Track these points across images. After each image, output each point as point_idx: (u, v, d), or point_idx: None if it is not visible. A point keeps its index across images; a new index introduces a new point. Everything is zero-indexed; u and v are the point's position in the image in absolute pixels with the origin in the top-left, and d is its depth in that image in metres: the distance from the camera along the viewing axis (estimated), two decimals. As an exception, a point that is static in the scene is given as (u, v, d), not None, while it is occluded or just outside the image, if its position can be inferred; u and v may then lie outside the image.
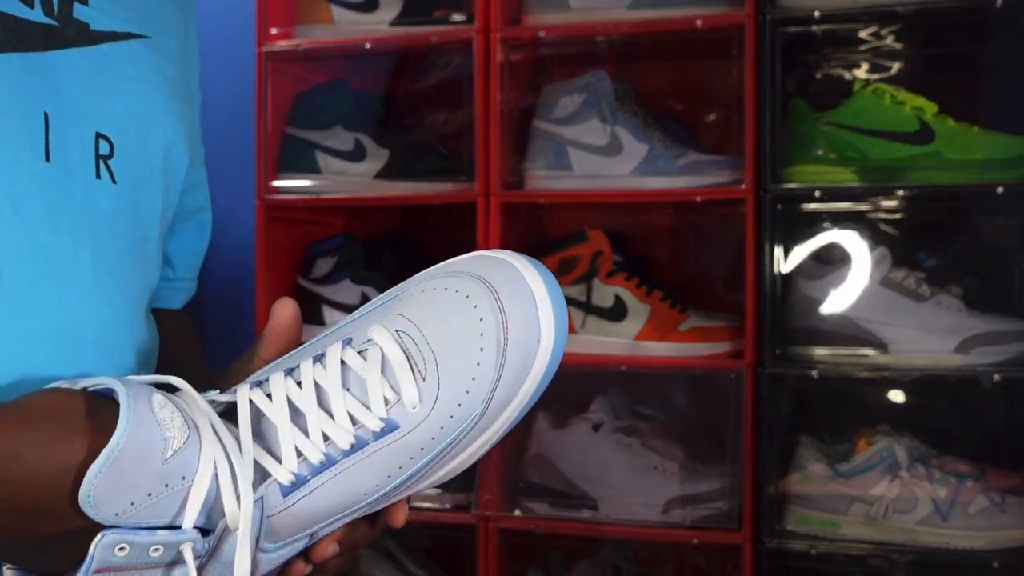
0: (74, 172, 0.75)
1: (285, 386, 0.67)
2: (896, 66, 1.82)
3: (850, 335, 1.67)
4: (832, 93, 1.76)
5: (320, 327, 1.93)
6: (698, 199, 1.75)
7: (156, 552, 0.63)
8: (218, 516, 0.64)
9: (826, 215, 1.74)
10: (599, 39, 1.82)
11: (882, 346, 1.66)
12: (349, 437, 0.66)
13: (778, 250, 1.68)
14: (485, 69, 1.78)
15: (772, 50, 1.65)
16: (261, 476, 0.66)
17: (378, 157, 1.91)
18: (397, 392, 0.66)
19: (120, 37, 0.81)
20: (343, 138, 1.92)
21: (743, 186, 1.68)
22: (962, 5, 1.64)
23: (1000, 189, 1.59)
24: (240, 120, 2.04)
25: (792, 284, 1.72)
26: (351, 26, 1.89)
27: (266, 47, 1.90)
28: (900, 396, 1.75)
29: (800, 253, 1.73)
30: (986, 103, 1.82)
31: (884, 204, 1.75)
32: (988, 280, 1.78)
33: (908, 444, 1.67)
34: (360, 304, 1.89)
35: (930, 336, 1.64)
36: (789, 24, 1.68)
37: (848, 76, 1.83)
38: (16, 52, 0.73)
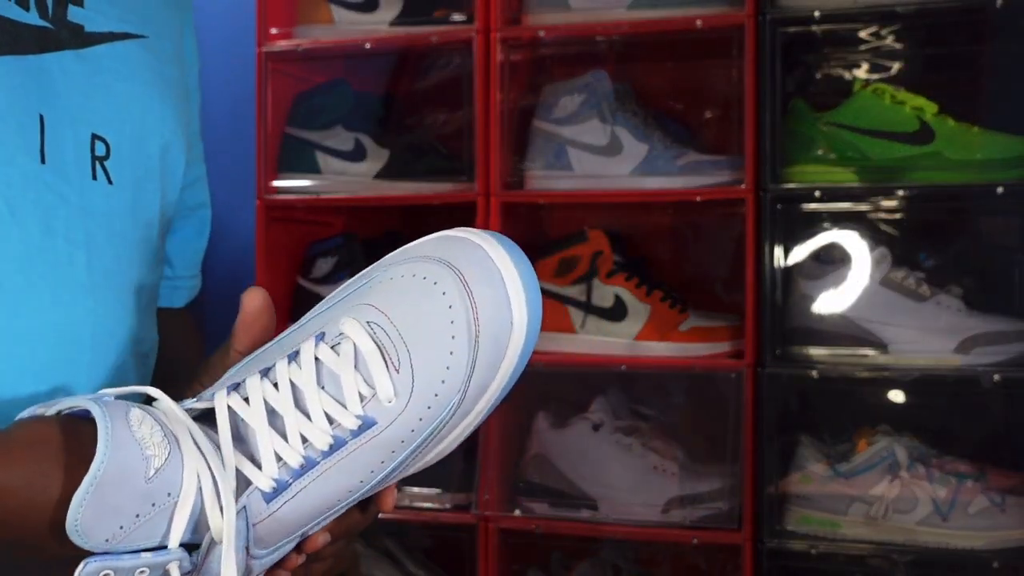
0: (69, 174, 0.75)
1: (262, 388, 0.66)
2: (896, 66, 1.82)
3: (850, 335, 1.67)
4: (832, 93, 1.76)
5: (320, 327, 1.93)
6: (698, 199, 1.75)
7: (143, 574, 0.62)
8: (204, 529, 0.64)
9: (826, 215, 1.74)
10: (599, 39, 1.82)
11: (882, 346, 1.66)
12: (327, 438, 0.65)
13: (778, 250, 1.68)
14: (485, 69, 1.78)
15: (772, 50, 1.65)
16: (244, 484, 0.65)
17: (378, 157, 1.91)
18: (372, 387, 0.65)
19: (116, 37, 0.81)
20: (343, 138, 1.92)
21: (743, 186, 1.68)
22: (962, 5, 1.64)
23: (1000, 189, 1.59)
24: (240, 120, 2.03)
25: (792, 284, 1.72)
26: (351, 26, 1.89)
27: (266, 47, 1.90)
28: (900, 396, 1.75)
29: (800, 253, 1.73)
30: (986, 103, 1.82)
31: (884, 204, 1.75)
32: (988, 280, 1.78)
33: (908, 444, 1.67)
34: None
35: (930, 336, 1.64)
36: (789, 24, 1.68)
37: (848, 76, 1.83)
38: (11, 55, 0.73)
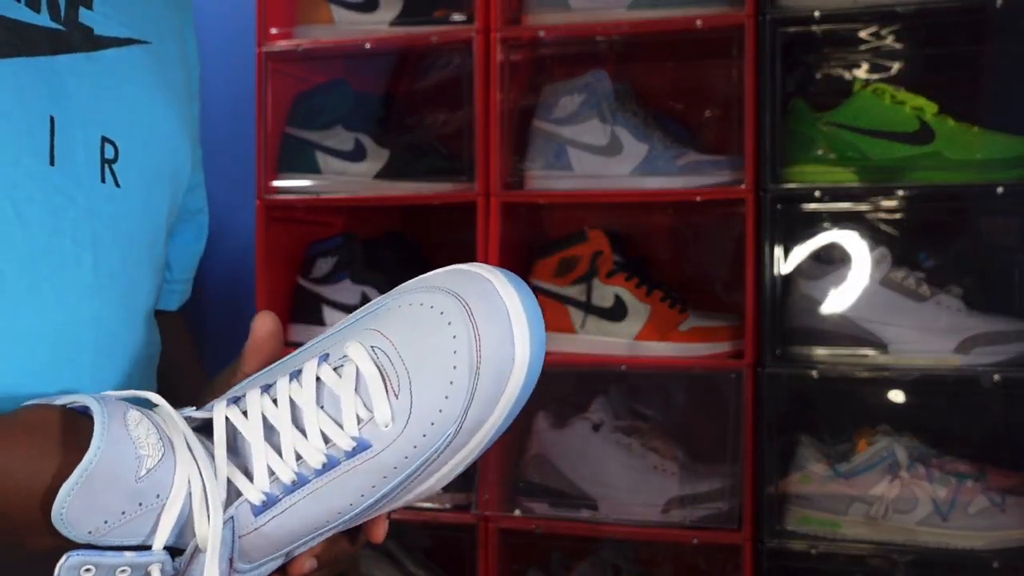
0: (78, 176, 0.75)
1: (261, 403, 0.67)
2: (896, 66, 1.82)
3: (850, 335, 1.67)
4: (832, 93, 1.76)
5: (320, 327, 1.94)
6: (698, 199, 1.75)
7: (123, 574, 0.62)
8: (190, 536, 0.64)
9: (826, 215, 1.74)
10: (599, 39, 1.82)
11: (882, 346, 1.66)
12: (321, 456, 0.65)
13: (778, 250, 1.68)
14: (485, 69, 1.79)
15: (772, 50, 1.65)
16: (235, 495, 0.65)
17: (378, 157, 1.91)
18: (370, 410, 0.65)
19: (122, 43, 0.81)
20: (343, 138, 1.92)
21: (743, 186, 1.68)
22: (962, 5, 1.64)
23: (1000, 189, 1.59)
24: (240, 120, 2.04)
25: (792, 284, 1.72)
26: (351, 26, 1.89)
27: (266, 47, 1.90)
28: (900, 396, 1.75)
29: (800, 253, 1.73)
30: (986, 103, 1.82)
31: (884, 204, 1.75)
32: (988, 280, 1.78)
33: (908, 444, 1.67)
34: (360, 304, 1.89)
35: (930, 336, 1.64)
36: (789, 24, 1.68)
37: (848, 76, 1.83)
38: (23, 56, 0.73)
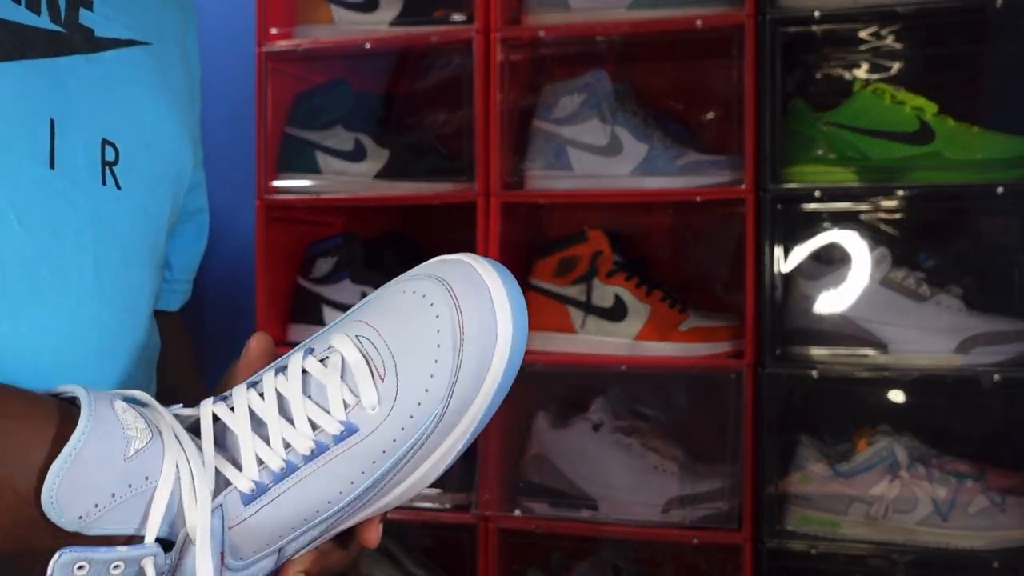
0: (79, 178, 0.75)
1: (247, 397, 0.67)
2: (896, 66, 1.82)
3: (850, 335, 1.67)
4: (832, 93, 1.76)
5: (320, 327, 1.93)
6: (698, 199, 1.75)
7: (117, 569, 0.62)
8: (180, 526, 0.64)
9: (826, 215, 1.74)
10: (599, 39, 1.82)
11: (882, 346, 1.66)
12: (309, 442, 0.65)
13: (778, 250, 1.68)
14: (485, 69, 1.79)
15: (772, 50, 1.65)
16: (224, 485, 0.65)
17: (378, 157, 1.91)
18: (356, 395, 0.66)
19: (122, 44, 0.81)
20: (343, 138, 1.92)
21: (743, 186, 1.68)
22: (962, 5, 1.64)
23: (1000, 189, 1.59)
24: (240, 120, 2.04)
25: (792, 284, 1.72)
26: (351, 26, 1.89)
27: (266, 47, 1.90)
28: (900, 396, 1.75)
29: (800, 253, 1.73)
30: (986, 103, 1.82)
31: (884, 204, 1.75)
32: (988, 280, 1.78)
33: (908, 444, 1.67)
34: (360, 304, 1.90)
35: (930, 336, 1.64)
36: (789, 24, 1.68)
37: (848, 76, 1.83)
38: (23, 59, 0.73)
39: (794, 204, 1.71)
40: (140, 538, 0.63)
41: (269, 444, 0.65)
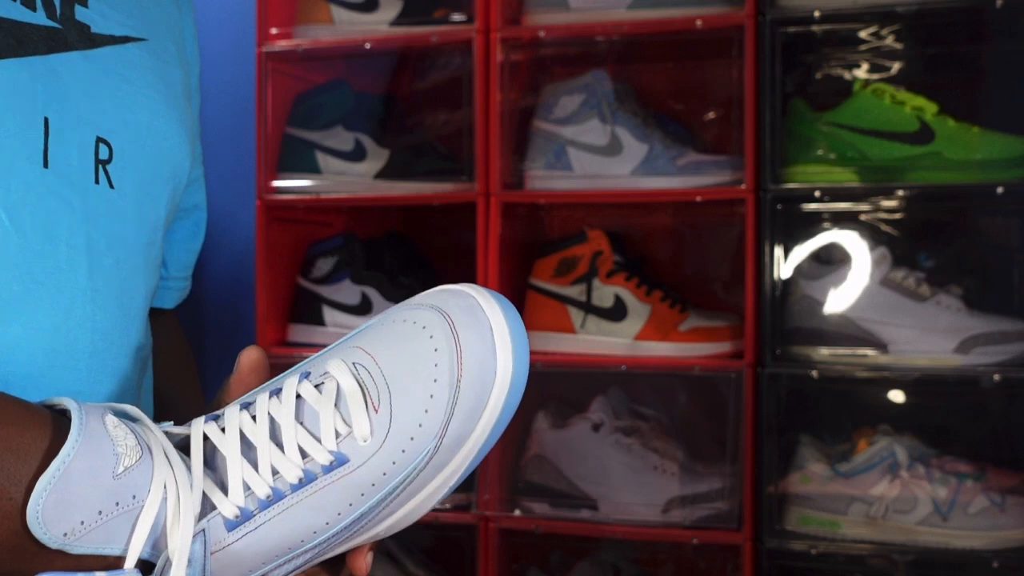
0: (72, 178, 0.74)
1: (239, 419, 0.65)
2: (896, 66, 1.82)
3: (850, 335, 1.67)
4: (832, 93, 1.76)
5: (320, 327, 1.94)
6: (698, 199, 1.75)
7: None
8: (164, 547, 0.62)
9: (826, 215, 1.74)
10: (599, 39, 1.82)
11: (882, 346, 1.66)
12: (298, 471, 0.63)
13: (778, 250, 1.68)
14: (485, 69, 1.79)
15: (772, 50, 1.66)
16: (209, 508, 0.63)
17: (378, 157, 1.91)
18: (349, 424, 0.64)
19: (118, 41, 0.80)
20: (343, 138, 1.92)
21: (743, 186, 1.68)
22: (962, 5, 1.65)
23: (1000, 189, 1.59)
24: (240, 120, 2.04)
25: (792, 284, 1.72)
26: (351, 26, 1.89)
27: (266, 47, 1.90)
28: (900, 396, 1.75)
29: (800, 253, 1.73)
30: (986, 103, 1.82)
31: (884, 204, 1.75)
32: (988, 280, 1.78)
33: (908, 444, 1.67)
34: (360, 304, 1.90)
35: (930, 336, 1.64)
36: (789, 24, 1.68)
37: (848, 76, 1.83)
38: (17, 57, 0.72)
39: (794, 204, 1.71)
40: (121, 559, 0.61)
41: (257, 470, 0.64)
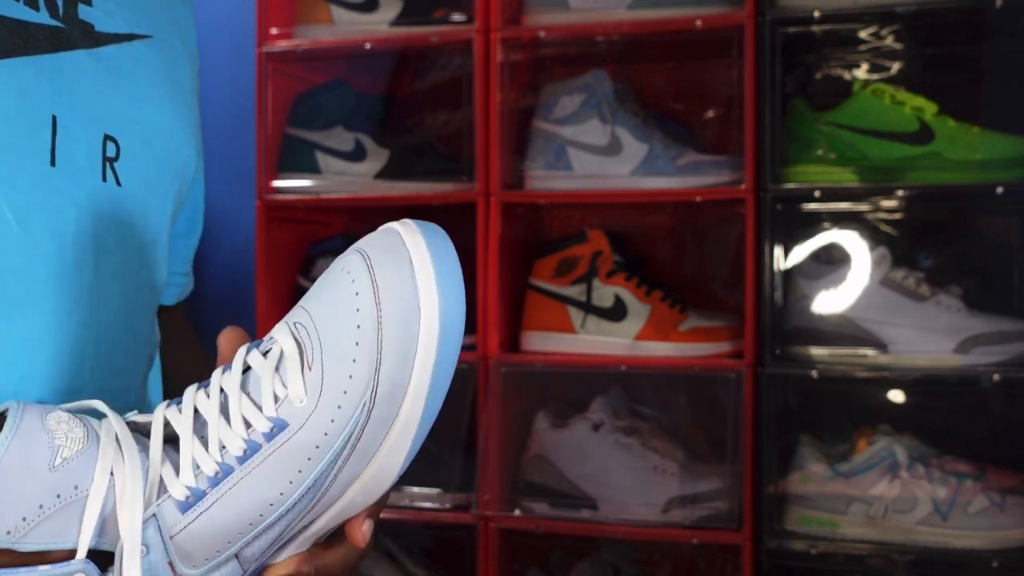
0: (79, 176, 0.74)
1: (195, 397, 0.64)
2: (896, 66, 1.82)
3: (850, 335, 1.67)
4: (832, 93, 1.76)
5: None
6: (698, 199, 1.75)
7: None
8: (115, 537, 0.61)
9: (826, 215, 1.74)
10: (599, 39, 1.82)
11: (882, 346, 1.66)
12: (240, 443, 0.62)
13: (778, 250, 1.68)
14: (485, 69, 1.79)
15: (772, 50, 1.66)
16: (164, 491, 0.62)
17: (378, 157, 1.91)
18: (286, 387, 0.62)
19: (123, 39, 0.80)
20: (343, 138, 1.92)
21: (743, 186, 1.68)
22: (962, 5, 1.65)
23: (1000, 189, 1.59)
24: (240, 120, 2.04)
25: (792, 284, 1.72)
26: (351, 26, 1.89)
27: (266, 47, 1.90)
28: (900, 396, 1.75)
29: (800, 253, 1.73)
30: (986, 103, 1.82)
31: (884, 204, 1.75)
32: (988, 280, 1.78)
33: (908, 444, 1.67)
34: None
35: (930, 336, 1.64)
36: (789, 24, 1.68)
37: (848, 76, 1.83)
38: (23, 56, 0.72)
39: (794, 204, 1.71)
40: (74, 551, 0.60)
41: (207, 447, 0.62)
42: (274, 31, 1.91)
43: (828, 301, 1.69)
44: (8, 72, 0.71)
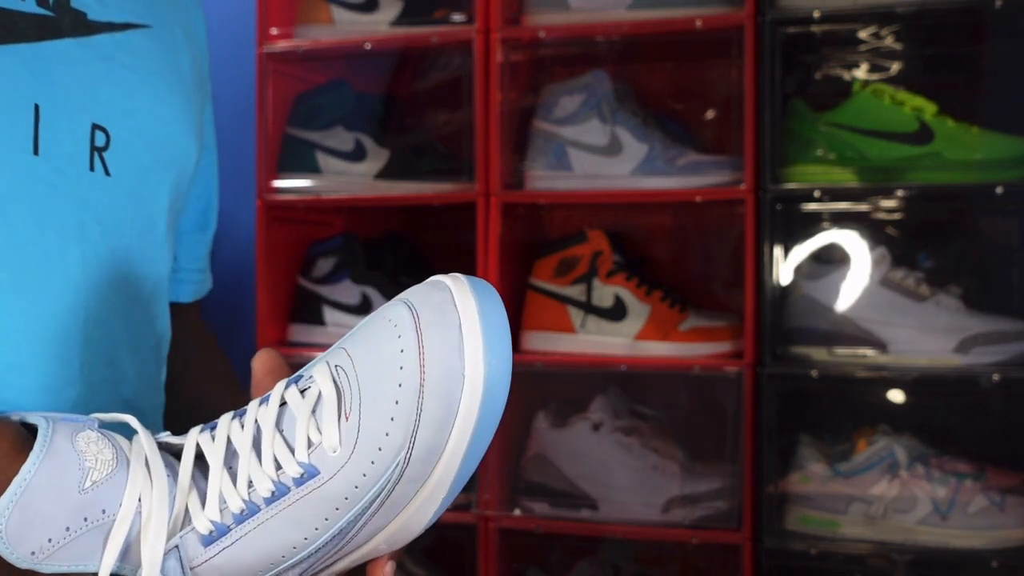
0: (64, 165, 0.74)
1: (229, 427, 0.63)
2: (896, 66, 1.82)
3: (850, 335, 1.68)
4: (832, 93, 1.77)
5: (320, 327, 1.94)
6: (698, 199, 1.75)
7: None
8: (136, 562, 0.60)
9: (826, 215, 1.74)
10: (599, 39, 1.82)
11: (882, 346, 1.66)
12: (269, 484, 0.61)
13: (778, 250, 1.69)
14: (485, 69, 1.79)
15: (772, 50, 1.66)
16: (189, 522, 0.62)
17: (378, 157, 1.92)
18: (321, 433, 0.61)
19: (117, 28, 0.80)
20: (343, 138, 1.92)
21: (743, 186, 1.68)
22: (962, 5, 1.65)
23: (1000, 189, 1.59)
24: (240, 120, 2.04)
25: (792, 284, 1.72)
26: (351, 26, 1.89)
27: (266, 47, 1.91)
28: (900, 396, 1.75)
29: (800, 253, 1.73)
30: (986, 103, 1.82)
31: (884, 204, 1.75)
32: (988, 280, 1.78)
33: (908, 444, 1.67)
34: (360, 304, 1.90)
35: (930, 336, 1.64)
36: (789, 24, 1.68)
37: (848, 76, 1.83)
38: (4, 44, 0.72)
39: (794, 204, 1.71)
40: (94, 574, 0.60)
41: (235, 482, 0.62)
42: (274, 31, 1.91)
43: (828, 301, 1.69)
44: None
